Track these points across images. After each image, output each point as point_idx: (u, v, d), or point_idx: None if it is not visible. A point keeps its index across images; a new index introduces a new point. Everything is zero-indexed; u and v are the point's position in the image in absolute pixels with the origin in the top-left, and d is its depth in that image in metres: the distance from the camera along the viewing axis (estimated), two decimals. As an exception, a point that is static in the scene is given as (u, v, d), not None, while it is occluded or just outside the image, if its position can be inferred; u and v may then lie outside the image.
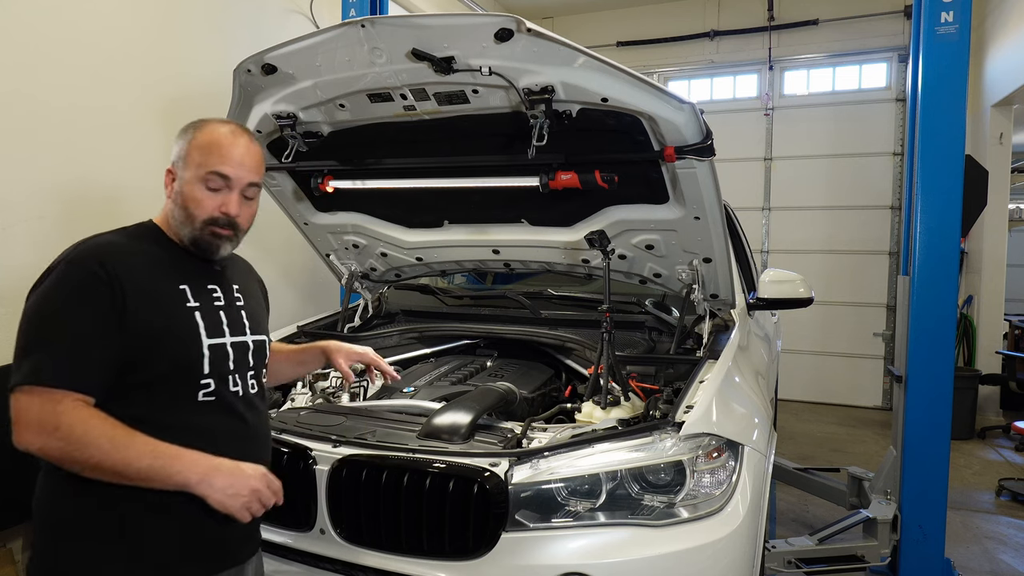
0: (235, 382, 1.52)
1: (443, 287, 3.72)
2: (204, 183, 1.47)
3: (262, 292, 1.80)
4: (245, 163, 1.50)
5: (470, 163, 2.63)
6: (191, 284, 1.48)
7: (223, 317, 1.52)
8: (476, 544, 1.81)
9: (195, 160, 1.47)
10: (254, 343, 1.59)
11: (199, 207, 1.47)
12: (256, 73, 2.44)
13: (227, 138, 1.49)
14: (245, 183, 1.51)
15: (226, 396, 1.49)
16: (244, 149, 1.51)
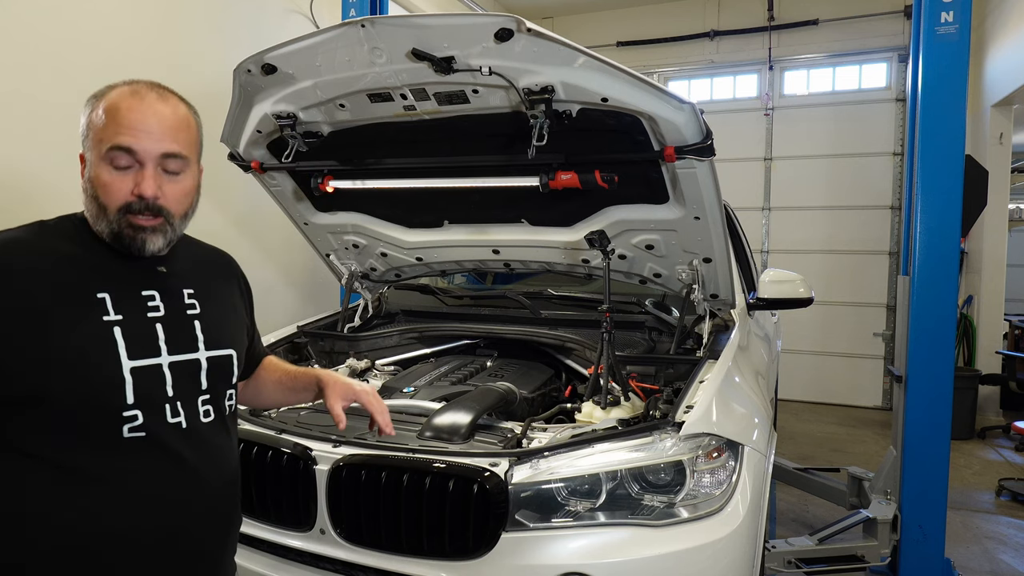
0: (175, 411, 1.20)
1: (443, 287, 3.72)
2: (109, 162, 1.16)
3: (242, 294, 1.49)
4: (153, 129, 1.17)
5: (470, 163, 2.63)
6: (115, 291, 1.17)
7: (159, 331, 1.21)
8: (476, 544, 1.81)
9: (96, 136, 1.17)
10: (211, 360, 1.28)
11: (108, 193, 1.16)
12: (256, 73, 2.44)
13: (127, 101, 1.17)
14: (156, 154, 1.17)
15: (161, 431, 1.17)
16: (150, 111, 1.17)
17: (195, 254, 1.40)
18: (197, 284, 1.32)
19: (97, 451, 1.12)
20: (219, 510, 1.29)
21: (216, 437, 1.29)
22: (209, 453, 1.26)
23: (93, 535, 1.13)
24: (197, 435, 1.24)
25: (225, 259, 1.50)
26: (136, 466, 1.16)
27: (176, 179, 1.22)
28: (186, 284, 1.30)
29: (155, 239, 1.20)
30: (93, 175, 1.18)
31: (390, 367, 3.03)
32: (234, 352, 1.34)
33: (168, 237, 1.23)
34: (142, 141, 1.16)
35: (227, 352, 1.33)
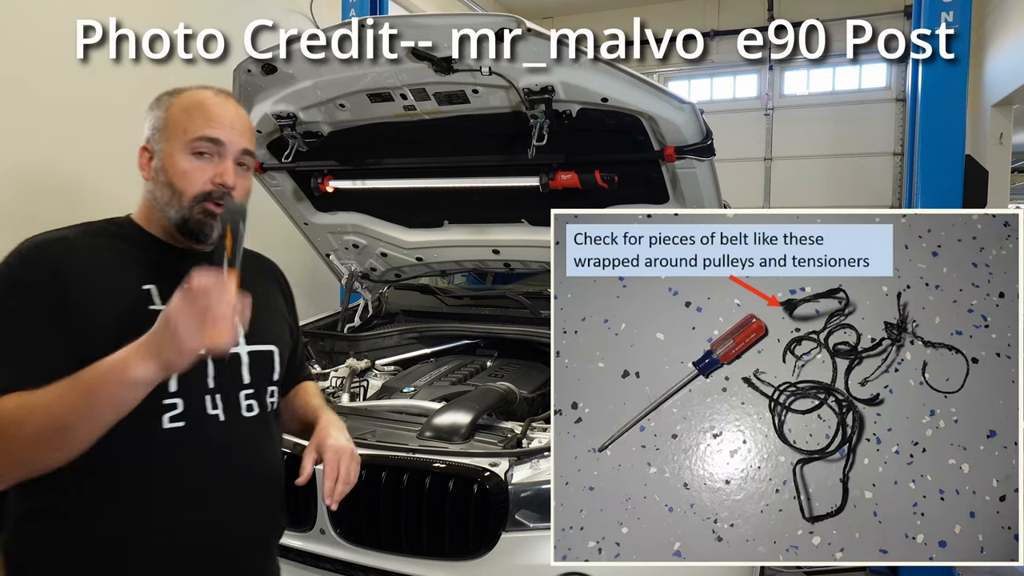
0: (215, 403, 1.22)
1: (443, 287, 3.72)
2: (192, 151, 1.22)
3: (282, 293, 1.51)
4: (236, 126, 1.26)
5: (470, 163, 2.63)
6: (161, 284, 1.21)
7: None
8: (476, 544, 1.81)
9: (178, 127, 1.23)
10: (252, 355, 1.30)
11: (187, 180, 1.22)
12: (256, 73, 2.45)
13: (212, 99, 1.26)
14: (239, 149, 1.25)
15: (201, 423, 1.20)
16: (234, 111, 1.27)
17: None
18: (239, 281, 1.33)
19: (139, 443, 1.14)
20: (261, 506, 1.31)
21: (258, 433, 1.30)
22: (250, 448, 1.27)
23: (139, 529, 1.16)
24: (237, 429, 1.25)
25: (268, 263, 1.53)
26: (176, 457, 1.18)
27: (245, 175, 1.29)
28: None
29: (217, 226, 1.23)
30: (168, 164, 1.23)
31: (390, 367, 3.03)
32: (276, 349, 1.36)
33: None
34: (229, 135, 1.24)
35: (268, 348, 1.34)
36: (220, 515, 1.23)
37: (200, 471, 1.20)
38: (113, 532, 1.15)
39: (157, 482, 1.17)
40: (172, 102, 1.26)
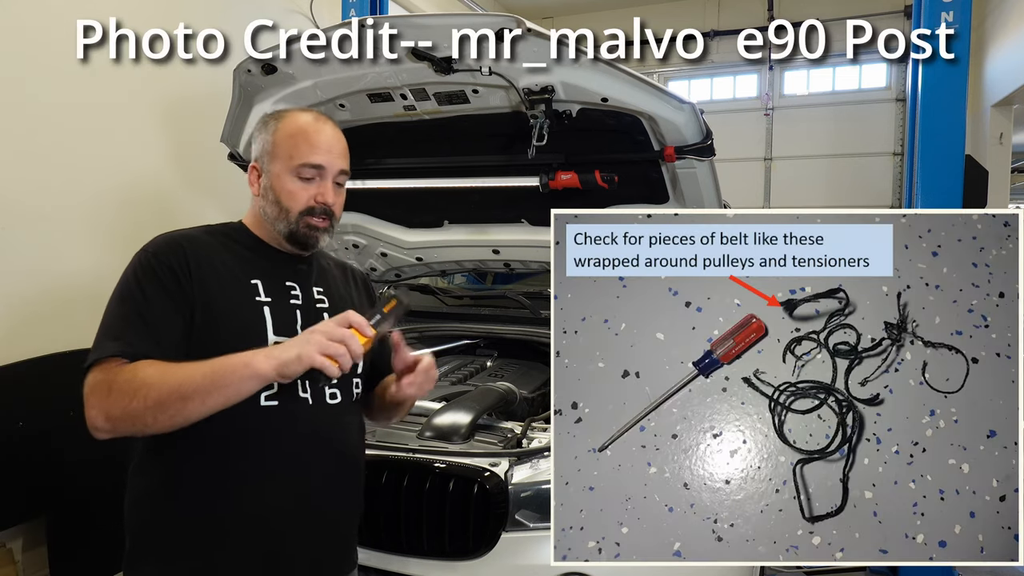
0: (304, 388, 1.38)
1: (443, 287, 3.72)
2: (296, 175, 1.41)
3: (367, 296, 1.67)
4: (334, 150, 1.44)
5: (470, 163, 2.63)
6: (266, 280, 1.41)
7: (299, 316, 1.42)
8: (476, 544, 1.81)
9: (284, 152, 1.42)
10: None
11: (293, 199, 1.41)
12: (256, 73, 2.45)
13: (312, 126, 1.44)
14: (337, 170, 1.44)
15: (291, 403, 1.36)
16: (331, 136, 1.45)
17: (328, 261, 1.63)
18: (325, 283, 1.53)
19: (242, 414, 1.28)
20: (343, 481, 1.47)
21: (341, 417, 1.46)
22: (333, 429, 1.44)
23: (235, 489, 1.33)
24: (324, 412, 1.41)
25: (352, 270, 1.70)
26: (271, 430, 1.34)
27: (340, 191, 1.48)
28: (318, 282, 1.51)
29: (324, 237, 1.45)
30: (276, 184, 1.42)
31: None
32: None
33: (329, 235, 1.47)
34: (328, 159, 1.42)
35: None
36: (307, 485, 1.38)
37: (291, 444, 1.36)
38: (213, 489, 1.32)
39: (254, 449, 1.33)
40: (278, 127, 1.43)
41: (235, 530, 1.34)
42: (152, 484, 1.36)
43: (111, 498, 2.13)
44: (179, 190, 3.54)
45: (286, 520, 1.37)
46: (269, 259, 1.46)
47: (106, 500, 2.65)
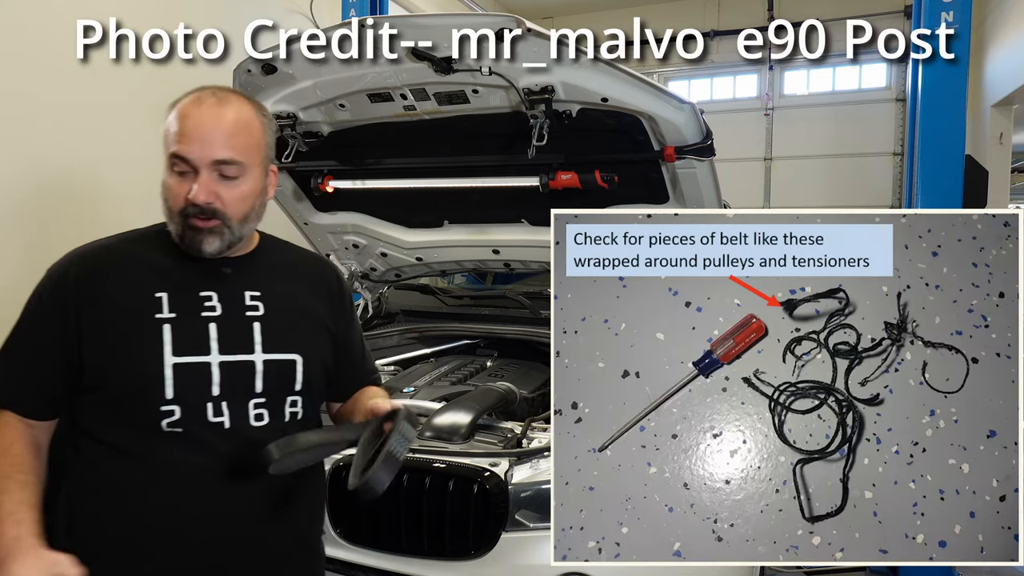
0: (218, 411, 1.22)
1: (443, 287, 3.72)
2: (171, 168, 1.22)
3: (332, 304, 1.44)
4: (208, 137, 1.20)
5: (470, 163, 2.63)
6: (173, 292, 1.24)
7: (212, 331, 1.24)
8: (476, 544, 1.81)
9: (165, 143, 1.23)
10: (268, 364, 1.27)
11: (171, 197, 1.23)
12: (256, 73, 2.45)
13: (188, 109, 1.22)
14: (209, 161, 1.20)
15: (198, 429, 1.21)
16: (208, 119, 1.21)
17: (280, 259, 1.42)
18: (267, 286, 1.33)
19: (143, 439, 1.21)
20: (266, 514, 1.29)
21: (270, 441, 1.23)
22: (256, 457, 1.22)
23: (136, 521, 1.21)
24: (243, 438, 1.24)
25: (319, 268, 1.49)
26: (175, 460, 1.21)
27: (233, 183, 1.24)
28: (252, 286, 1.31)
29: (212, 240, 1.24)
30: (164, 180, 1.25)
31: (390, 367, 3.03)
32: (299, 358, 1.31)
33: (226, 239, 1.25)
34: (195, 149, 1.20)
35: (289, 357, 1.31)
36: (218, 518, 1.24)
37: (199, 475, 1.22)
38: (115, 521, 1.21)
39: (156, 480, 1.21)
40: (168, 113, 1.25)
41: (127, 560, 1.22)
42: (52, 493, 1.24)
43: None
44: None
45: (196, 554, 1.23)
46: (187, 265, 1.27)
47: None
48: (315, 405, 1.40)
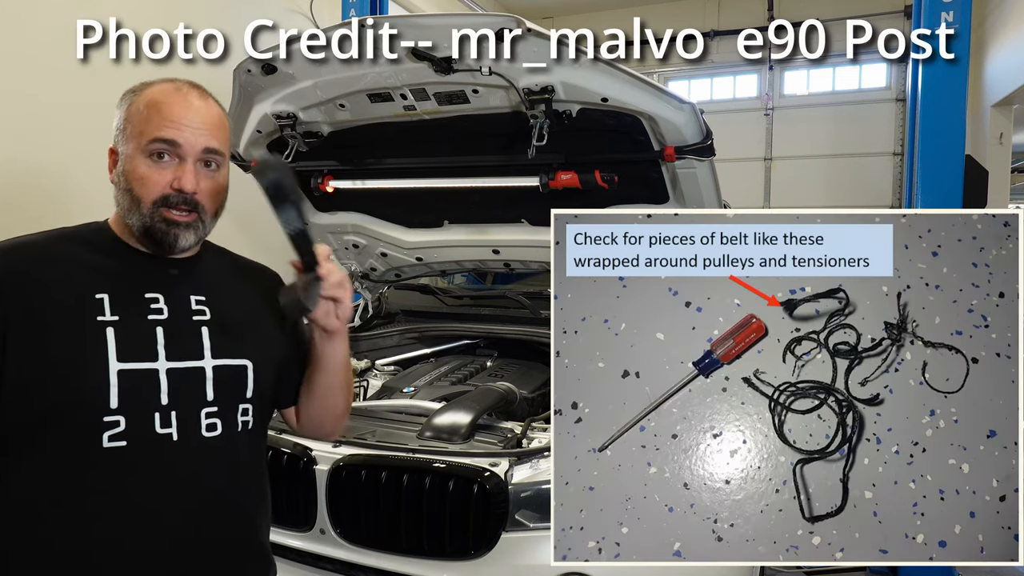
0: (166, 422, 1.13)
1: (443, 287, 3.72)
2: (148, 155, 1.15)
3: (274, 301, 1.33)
4: (196, 123, 1.16)
5: (470, 163, 2.63)
6: (116, 293, 1.15)
7: (159, 335, 1.15)
8: (476, 544, 1.81)
9: (136, 128, 1.16)
10: (218, 370, 1.19)
11: (144, 185, 1.14)
12: (256, 73, 2.45)
13: (170, 95, 1.17)
14: (199, 149, 1.16)
15: (146, 441, 1.11)
16: (195, 106, 1.17)
17: (223, 262, 1.35)
18: (212, 290, 1.25)
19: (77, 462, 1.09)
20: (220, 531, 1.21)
21: (224, 454, 1.20)
22: (210, 469, 1.18)
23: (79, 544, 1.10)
24: (194, 450, 1.16)
25: (264, 272, 1.42)
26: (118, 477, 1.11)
27: (213, 175, 1.20)
28: (197, 290, 1.24)
29: (187, 234, 1.18)
30: (128, 168, 1.16)
31: (390, 367, 3.03)
32: (250, 363, 1.24)
33: (199, 234, 1.21)
34: (186, 135, 1.15)
35: (240, 362, 1.23)
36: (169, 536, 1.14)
37: (146, 492, 1.12)
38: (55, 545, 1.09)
39: (97, 501, 1.10)
40: (134, 100, 1.18)
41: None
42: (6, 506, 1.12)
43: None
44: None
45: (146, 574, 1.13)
46: (128, 264, 1.20)
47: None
48: (264, 416, 1.31)
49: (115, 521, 1.11)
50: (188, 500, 1.16)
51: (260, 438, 1.31)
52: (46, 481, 1.09)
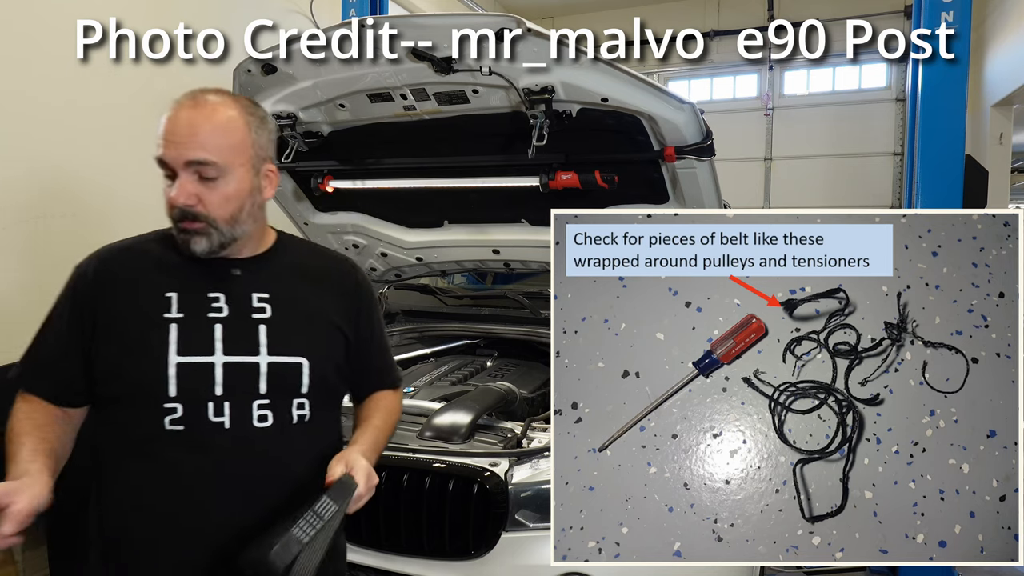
0: (219, 411, 1.24)
1: (443, 287, 3.72)
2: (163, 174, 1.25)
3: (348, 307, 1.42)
4: (181, 138, 1.20)
5: (470, 163, 2.63)
6: (183, 292, 1.27)
7: (217, 331, 1.26)
8: (476, 544, 1.81)
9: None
10: (272, 366, 1.29)
11: (166, 203, 1.26)
12: (256, 73, 2.45)
13: (171, 111, 1.23)
14: (182, 162, 1.20)
15: (199, 428, 1.23)
16: (184, 121, 1.21)
17: (297, 260, 1.41)
18: (276, 289, 1.33)
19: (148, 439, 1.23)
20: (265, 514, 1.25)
21: (272, 445, 1.28)
22: (258, 457, 1.27)
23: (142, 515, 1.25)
24: (244, 438, 1.26)
25: (339, 269, 1.47)
26: (176, 457, 1.24)
27: (213, 185, 1.23)
28: (260, 288, 1.32)
29: (199, 241, 1.25)
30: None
31: (390, 367, 3.03)
32: (305, 361, 1.32)
33: (215, 240, 1.26)
34: (169, 151, 1.22)
35: (294, 360, 1.31)
36: (218, 517, 1.25)
37: (198, 473, 1.24)
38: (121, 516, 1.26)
39: (159, 476, 1.24)
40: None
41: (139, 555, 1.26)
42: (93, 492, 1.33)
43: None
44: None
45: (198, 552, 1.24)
46: (199, 265, 1.29)
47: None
48: (328, 407, 1.40)
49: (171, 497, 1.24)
50: (236, 484, 1.25)
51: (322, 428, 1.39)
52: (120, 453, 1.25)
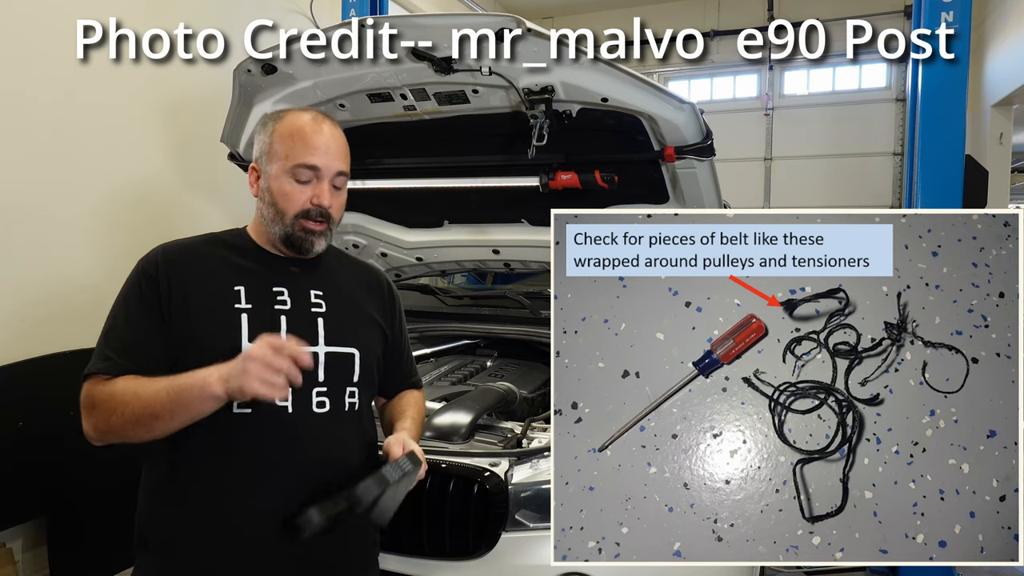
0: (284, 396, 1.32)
1: (443, 287, 3.72)
2: (292, 176, 1.39)
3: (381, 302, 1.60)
4: (331, 151, 1.41)
5: (470, 163, 2.63)
6: (250, 285, 1.40)
7: (282, 322, 1.39)
8: (476, 544, 1.81)
9: (280, 153, 1.40)
10: (329, 355, 1.42)
11: (289, 201, 1.40)
12: (256, 73, 2.45)
13: (309, 126, 1.41)
14: (334, 172, 1.42)
15: (266, 410, 1.33)
16: (329, 136, 1.42)
17: (337, 264, 1.57)
18: (328, 287, 1.48)
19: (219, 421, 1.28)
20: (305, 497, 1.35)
21: (331, 428, 1.41)
22: (318, 440, 1.38)
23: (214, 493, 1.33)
24: (305, 422, 1.37)
25: (370, 272, 1.65)
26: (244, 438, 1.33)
27: (339, 193, 1.46)
28: (316, 286, 1.47)
29: (320, 241, 1.43)
30: (274, 186, 1.41)
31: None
32: (357, 352, 1.47)
33: (327, 239, 1.45)
34: (324, 160, 1.40)
35: (348, 350, 1.46)
36: (284, 495, 1.33)
37: (265, 453, 1.34)
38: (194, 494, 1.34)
39: (228, 456, 1.33)
40: (275, 127, 1.42)
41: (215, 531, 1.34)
42: (156, 479, 1.38)
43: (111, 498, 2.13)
44: (179, 190, 3.54)
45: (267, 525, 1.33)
46: (261, 263, 1.44)
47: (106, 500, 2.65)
48: (368, 398, 1.54)
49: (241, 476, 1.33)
50: (298, 465, 1.36)
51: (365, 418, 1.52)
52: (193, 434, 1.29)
